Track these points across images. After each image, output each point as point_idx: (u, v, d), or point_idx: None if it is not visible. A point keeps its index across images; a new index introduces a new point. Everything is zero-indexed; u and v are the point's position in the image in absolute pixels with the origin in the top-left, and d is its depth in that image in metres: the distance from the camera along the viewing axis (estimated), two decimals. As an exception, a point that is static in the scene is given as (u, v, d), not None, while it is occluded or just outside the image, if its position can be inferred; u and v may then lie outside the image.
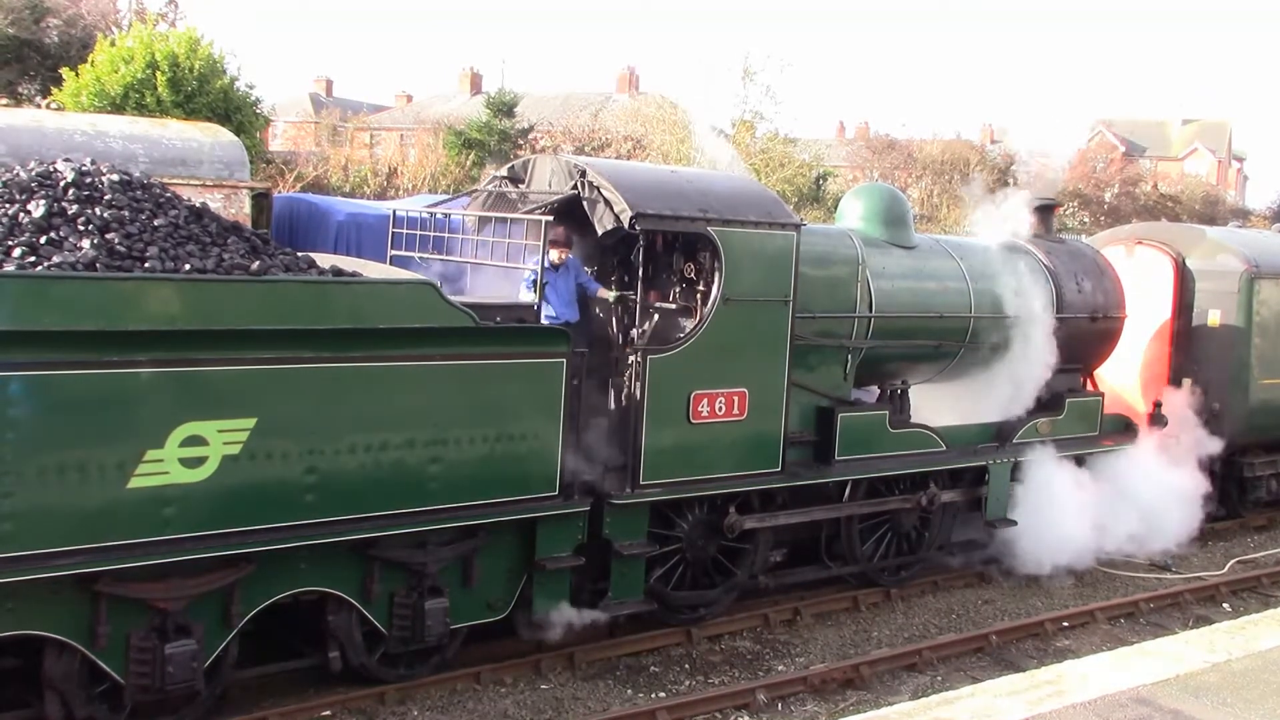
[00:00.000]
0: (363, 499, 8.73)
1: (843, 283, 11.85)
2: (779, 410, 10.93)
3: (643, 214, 10.01)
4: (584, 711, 9.77)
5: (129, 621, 8.06)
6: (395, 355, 8.75)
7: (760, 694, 10.11)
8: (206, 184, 15.54)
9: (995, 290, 13.27)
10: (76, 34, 31.17)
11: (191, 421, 7.88)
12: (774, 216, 10.84)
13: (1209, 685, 8.78)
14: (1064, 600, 13.44)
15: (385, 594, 9.25)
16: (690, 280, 10.84)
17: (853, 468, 11.82)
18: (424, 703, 9.68)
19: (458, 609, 9.60)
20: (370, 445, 8.69)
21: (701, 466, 10.57)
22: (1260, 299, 15.77)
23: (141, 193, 8.28)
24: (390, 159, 39.68)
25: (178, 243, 8.04)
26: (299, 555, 8.65)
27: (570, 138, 40.52)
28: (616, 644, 10.93)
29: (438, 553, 9.36)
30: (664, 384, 10.19)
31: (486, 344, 9.22)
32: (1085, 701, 8.29)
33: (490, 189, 11.33)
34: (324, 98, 68.02)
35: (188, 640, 8.20)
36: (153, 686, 8.12)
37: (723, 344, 10.49)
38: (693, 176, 11.19)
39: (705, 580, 11.38)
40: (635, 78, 60.24)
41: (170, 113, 22.32)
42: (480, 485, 9.32)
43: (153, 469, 7.76)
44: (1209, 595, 13.97)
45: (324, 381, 8.46)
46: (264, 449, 8.20)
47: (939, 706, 8.20)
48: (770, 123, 40.96)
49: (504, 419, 9.35)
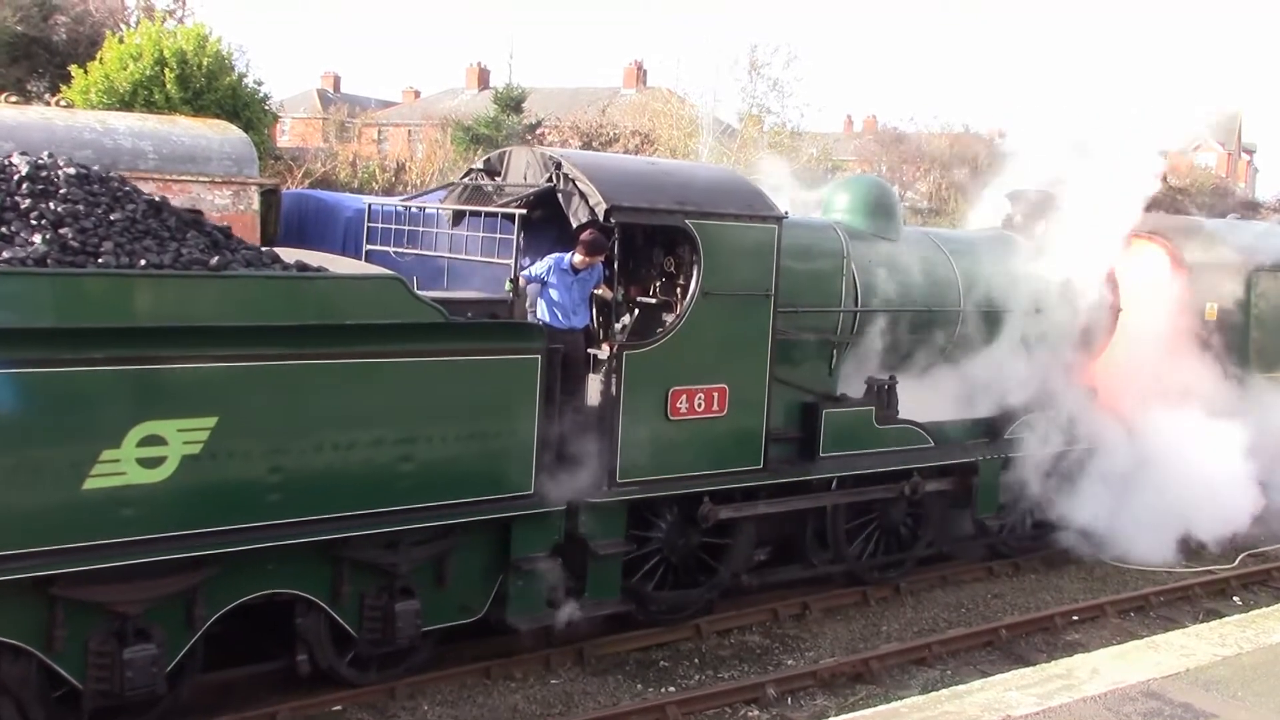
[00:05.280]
0: (330, 499, 8.56)
1: (827, 276, 11.63)
2: (761, 406, 10.73)
3: (618, 206, 9.82)
4: (594, 706, 9.74)
5: (87, 625, 7.90)
6: (362, 352, 8.57)
7: (770, 688, 10.06)
8: (215, 180, 15.55)
9: (985, 283, 13.04)
10: (85, 31, 31.08)
11: (149, 421, 7.71)
12: (755, 209, 10.64)
13: (1219, 679, 8.73)
14: (1073, 594, 13.41)
15: (355, 595, 9.08)
16: (670, 274, 10.66)
17: (838, 464, 11.61)
18: (434, 697, 9.66)
19: (430, 610, 9.43)
20: (338, 444, 8.52)
21: (681, 464, 10.38)
22: (1258, 292, 15.54)
23: (98, 186, 8.10)
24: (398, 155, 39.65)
25: (134, 237, 7.85)
26: (265, 556, 8.47)
27: (578, 132, 40.33)
28: (626, 639, 10.89)
29: (409, 553, 9.19)
30: (641, 380, 9.99)
31: (457, 340, 9.04)
32: (1095, 695, 8.24)
33: (467, 182, 11.16)
34: (331, 94, 67.95)
35: (148, 645, 8.04)
36: (112, 692, 7.97)
37: (702, 339, 10.30)
38: (672, 169, 11.03)
39: (688, 580, 11.20)
40: (643, 72, 59.97)
41: (179, 109, 22.29)
42: (453, 484, 9.15)
43: (109, 469, 7.59)
44: (1219, 589, 13.89)
45: (288, 379, 8.29)
46: (226, 448, 8.02)
47: (949, 701, 8.15)
48: (778, 116, 40.83)
49: (477, 416, 9.18)
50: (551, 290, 9.90)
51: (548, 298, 9.91)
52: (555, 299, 9.90)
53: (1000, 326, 13.10)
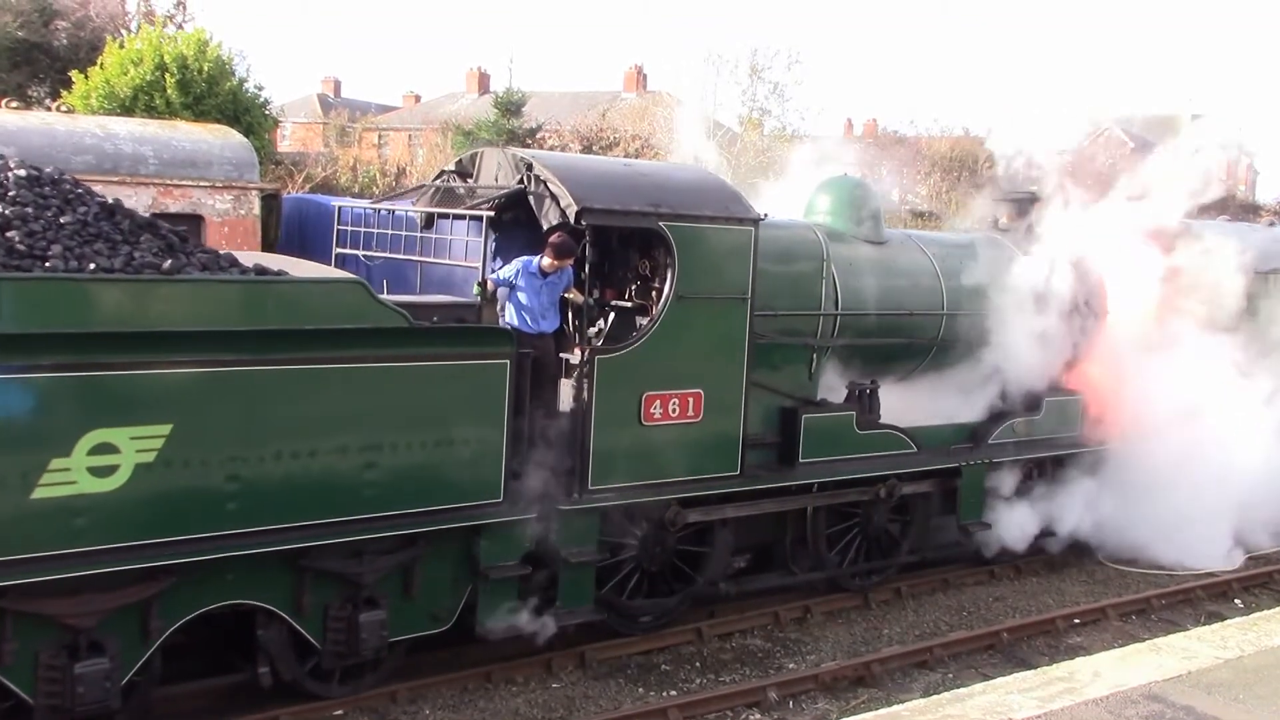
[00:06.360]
0: (291, 507, 8.38)
1: (806, 279, 11.44)
2: (737, 411, 10.54)
3: (589, 208, 9.64)
4: (595, 710, 9.69)
5: (38, 638, 7.72)
6: (322, 358, 8.39)
7: (771, 692, 10.03)
8: (216, 185, 15.57)
9: (969, 286, 12.85)
10: (85, 36, 31.07)
11: (101, 429, 7.53)
12: (731, 211, 10.45)
13: (1221, 681, 8.70)
14: (1075, 597, 13.40)
15: (318, 606, 8.89)
16: (646, 277, 10.47)
17: (817, 470, 11.40)
18: (435, 701, 9.62)
19: (397, 621, 9.24)
20: (298, 451, 8.34)
21: (654, 471, 10.19)
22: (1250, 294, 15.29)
23: (50, 189, 7.93)
24: (398, 159, 39.53)
25: (85, 241, 7.69)
26: (224, 566, 8.29)
27: (578, 136, 40.17)
28: (627, 643, 10.86)
29: (374, 562, 9.01)
30: (614, 385, 9.81)
31: (421, 345, 8.86)
32: (1097, 698, 8.21)
33: (439, 184, 10.98)
34: (332, 98, 67.89)
35: (101, 658, 7.86)
36: (63, 707, 7.78)
37: (676, 343, 10.11)
38: (647, 170, 10.84)
39: (665, 588, 11.02)
40: (643, 76, 59.75)
41: (180, 114, 22.37)
42: (419, 492, 8.97)
43: (59, 479, 7.41)
44: (1221, 591, 13.82)
45: (246, 386, 8.10)
46: (181, 456, 7.84)
47: (950, 704, 8.12)
48: (778, 120, 40.64)
49: (444, 423, 9.00)
50: (520, 294, 9.71)
51: (516, 301, 9.72)
52: (524, 302, 9.71)
53: (985, 330, 12.89)
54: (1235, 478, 14.04)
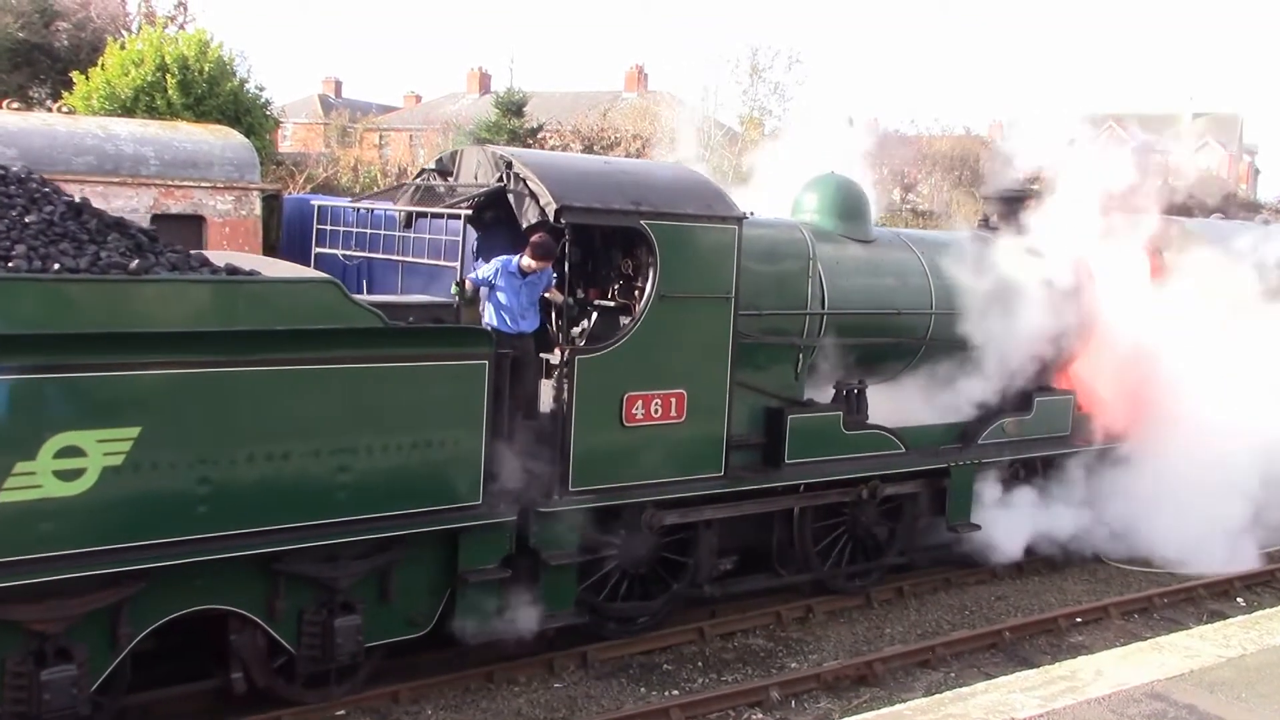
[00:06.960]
0: (263, 511, 8.25)
1: (792, 278, 11.29)
2: (721, 412, 10.41)
3: (569, 207, 9.50)
4: (597, 710, 9.67)
5: (3, 645, 7.62)
6: (295, 359, 8.25)
7: (773, 691, 10.01)
8: (217, 186, 15.58)
9: (958, 285, 12.70)
10: (86, 37, 31.10)
11: (67, 431, 7.40)
12: (714, 209, 10.32)
13: (1223, 680, 8.70)
14: (1077, 596, 13.38)
15: (292, 611, 8.77)
16: (629, 276, 10.35)
17: (803, 471, 11.26)
18: (438, 701, 9.60)
19: (374, 625, 9.12)
20: (270, 454, 8.20)
21: (636, 472, 10.06)
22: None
23: (15, 188, 7.82)
24: (399, 159, 39.46)
25: (50, 240, 7.57)
26: (195, 571, 8.16)
27: (579, 136, 40.09)
28: (629, 642, 10.82)
29: (349, 566, 8.88)
30: (594, 385, 9.68)
31: (397, 345, 8.73)
32: (1099, 697, 8.22)
33: (419, 183, 10.86)
34: (333, 99, 67.93)
35: (68, 665, 7.74)
36: (29, 714, 7.66)
37: (658, 343, 9.98)
38: (629, 168, 10.71)
39: (651, 591, 10.91)
40: (644, 76, 59.67)
41: (181, 115, 22.41)
42: (395, 495, 8.84)
43: (24, 482, 7.28)
44: (1223, 590, 13.80)
45: (216, 388, 7.96)
46: (150, 459, 7.71)
47: (953, 703, 8.10)
48: (778, 119, 40.51)
49: (421, 424, 8.86)
50: (499, 293, 9.60)
51: (495, 301, 9.60)
52: (503, 302, 9.59)
53: (974, 329, 12.72)
54: (1246, 477, 13.92)
